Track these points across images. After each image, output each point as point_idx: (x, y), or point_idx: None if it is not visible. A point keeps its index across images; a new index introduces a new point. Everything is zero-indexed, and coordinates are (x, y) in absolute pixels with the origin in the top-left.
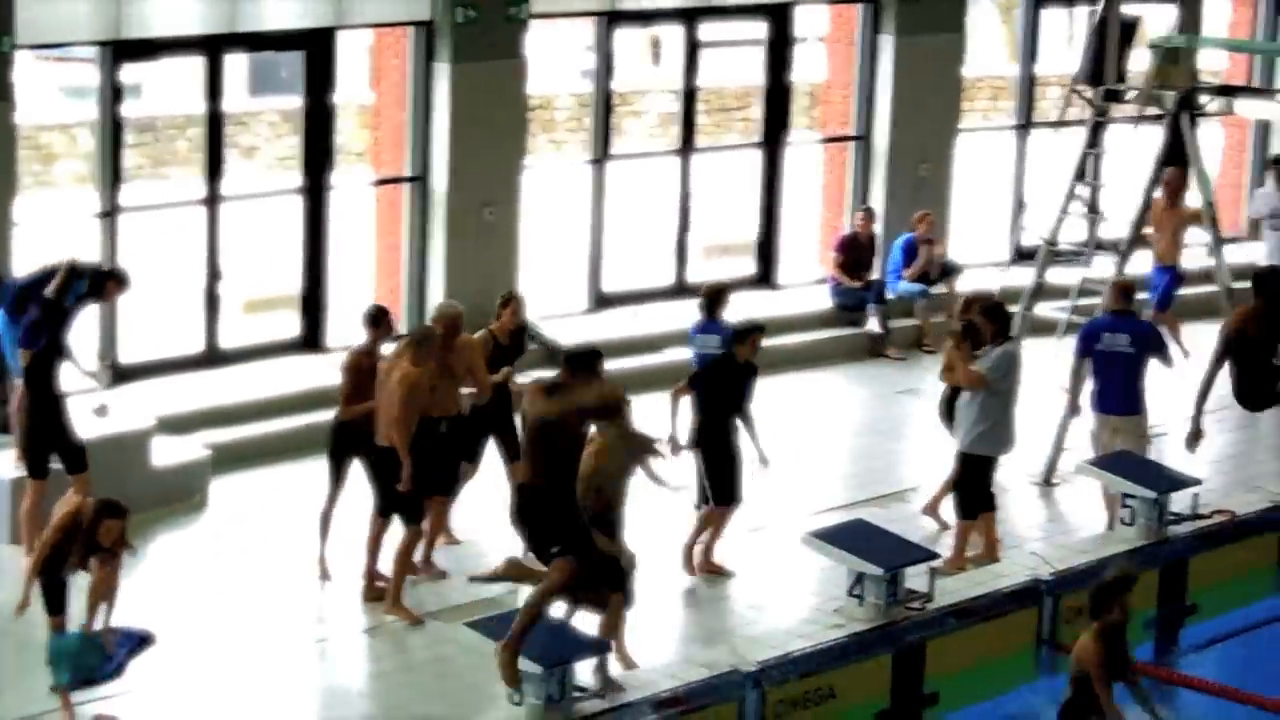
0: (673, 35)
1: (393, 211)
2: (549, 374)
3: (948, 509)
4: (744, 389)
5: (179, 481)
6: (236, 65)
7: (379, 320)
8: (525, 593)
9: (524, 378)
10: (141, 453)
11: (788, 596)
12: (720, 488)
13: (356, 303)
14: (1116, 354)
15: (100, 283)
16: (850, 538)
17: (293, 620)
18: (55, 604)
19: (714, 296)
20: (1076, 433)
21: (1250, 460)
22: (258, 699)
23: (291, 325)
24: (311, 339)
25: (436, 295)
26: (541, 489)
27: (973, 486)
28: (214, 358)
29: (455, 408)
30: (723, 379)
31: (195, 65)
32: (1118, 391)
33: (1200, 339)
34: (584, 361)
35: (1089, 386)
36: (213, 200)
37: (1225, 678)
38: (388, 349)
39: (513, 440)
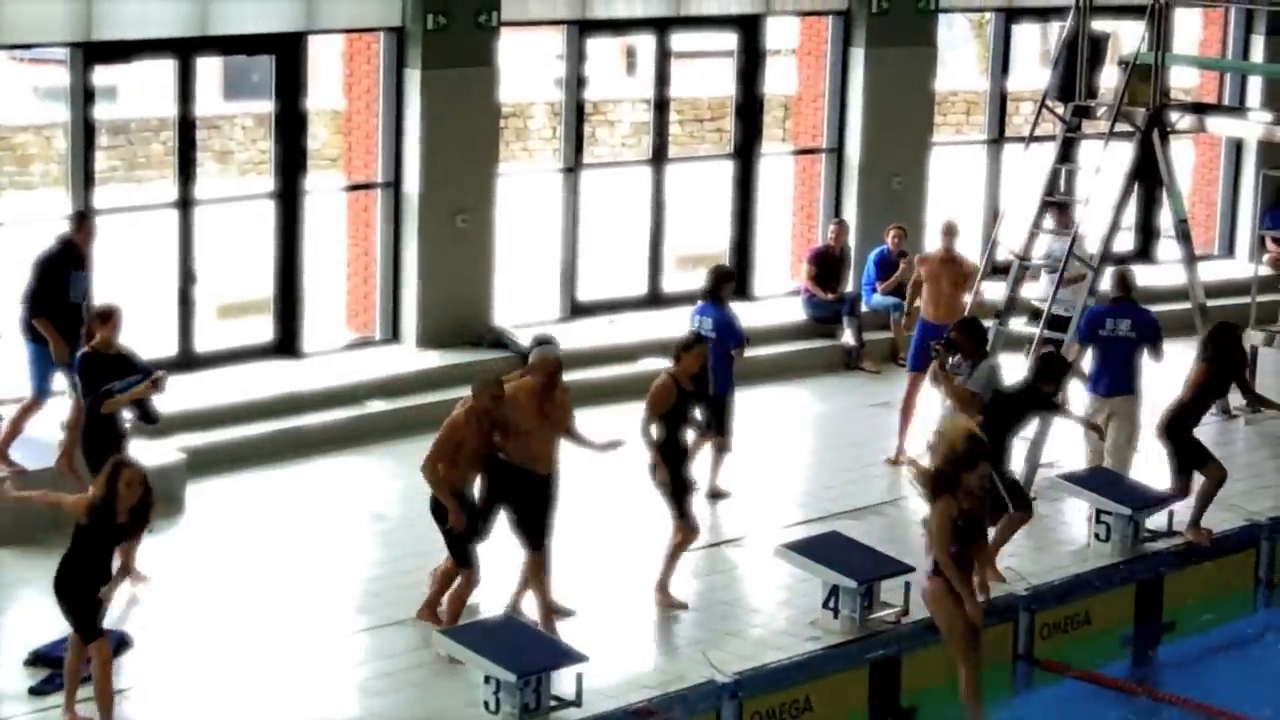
0: (645, 45)
1: (366, 217)
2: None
3: None
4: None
5: (155, 485)
6: (210, 69)
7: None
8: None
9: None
10: None
11: (763, 609)
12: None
13: (330, 308)
14: (1118, 339)
15: (70, 246)
16: (825, 550)
17: (270, 625)
18: (88, 623)
19: (716, 279)
20: (1052, 448)
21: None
22: (236, 701)
23: (265, 330)
24: (286, 344)
25: (410, 301)
26: None
27: None
28: (188, 361)
29: (552, 466)
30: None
31: (169, 68)
32: (1115, 374)
33: (1177, 357)
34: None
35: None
36: (185, 204)
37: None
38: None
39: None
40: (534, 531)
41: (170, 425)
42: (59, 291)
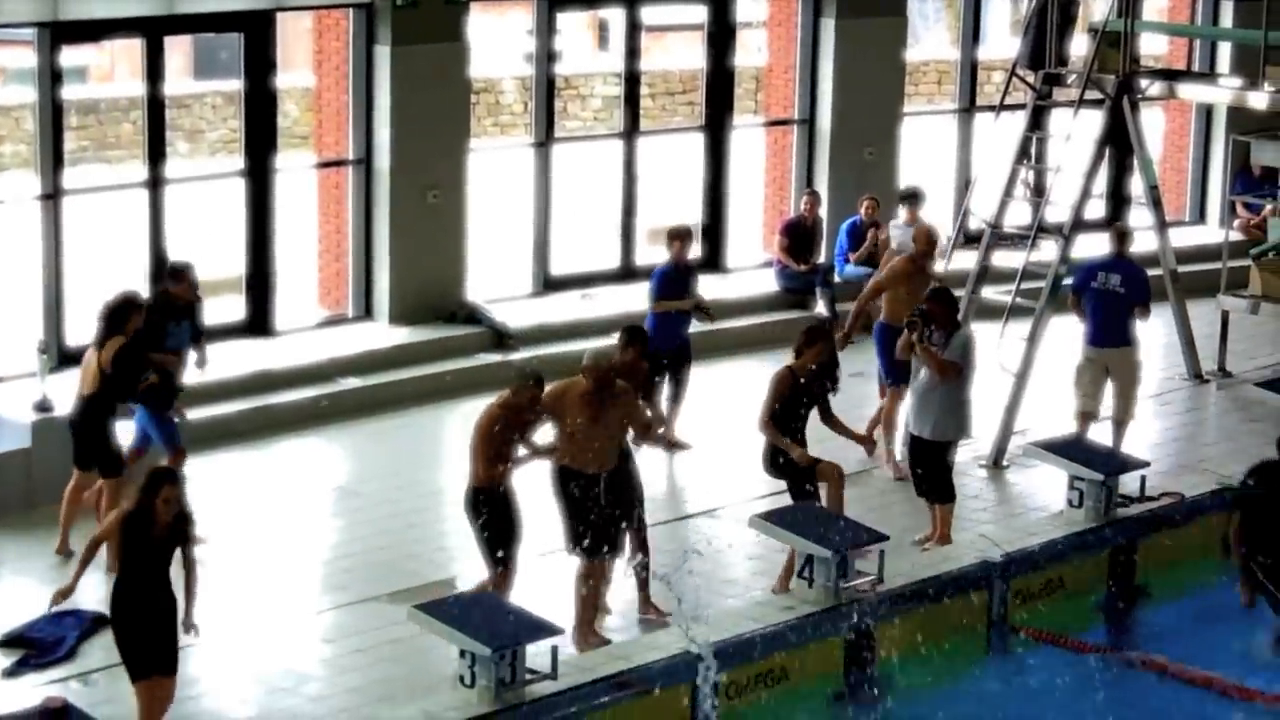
0: (616, 19)
1: (337, 194)
2: (498, 356)
3: None
4: None
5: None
6: (180, 48)
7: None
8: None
9: None
10: None
11: (737, 579)
12: None
13: (303, 286)
14: (1109, 293)
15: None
16: (799, 520)
17: (246, 602)
18: (139, 664)
19: (666, 237)
20: (1024, 415)
21: (1197, 442)
22: (211, 678)
23: (238, 308)
24: (258, 322)
25: (382, 278)
26: None
27: (941, 472)
28: None
29: (606, 464)
30: None
31: (138, 47)
32: (1110, 327)
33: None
34: None
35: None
36: (156, 183)
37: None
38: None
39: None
40: (576, 535)
41: None
42: (157, 344)
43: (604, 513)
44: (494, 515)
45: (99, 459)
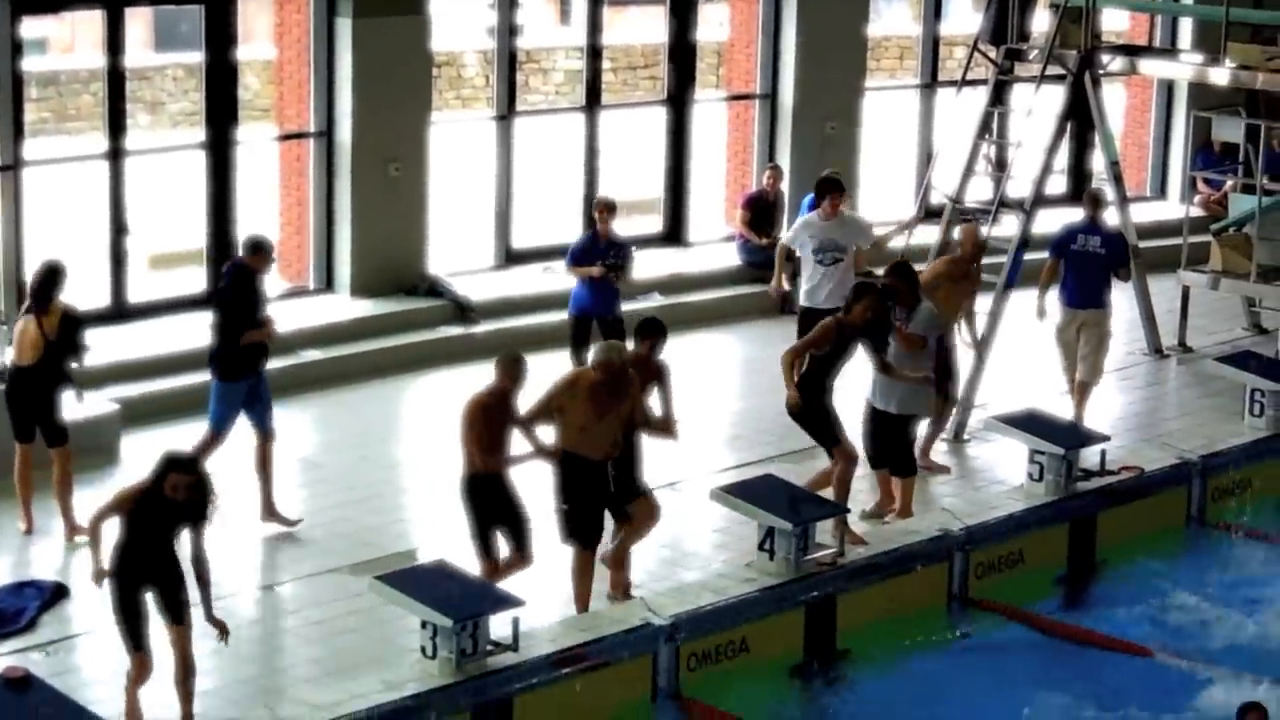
0: None
1: (298, 167)
2: (460, 329)
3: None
4: None
5: (89, 437)
6: (140, 20)
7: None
8: None
9: None
10: None
11: (699, 552)
12: None
13: None
14: (1088, 254)
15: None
16: (760, 493)
17: None
18: (135, 633)
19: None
20: (985, 389)
21: (1157, 417)
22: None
23: (198, 280)
24: None
25: (344, 251)
26: None
27: (904, 446)
28: (121, 313)
29: (610, 451)
30: None
31: (98, 19)
32: (1087, 289)
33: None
34: None
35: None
36: (116, 155)
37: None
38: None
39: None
40: (573, 523)
41: (104, 376)
42: (250, 318)
43: (603, 502)
44: (492, 503)
45: (43, 429)
